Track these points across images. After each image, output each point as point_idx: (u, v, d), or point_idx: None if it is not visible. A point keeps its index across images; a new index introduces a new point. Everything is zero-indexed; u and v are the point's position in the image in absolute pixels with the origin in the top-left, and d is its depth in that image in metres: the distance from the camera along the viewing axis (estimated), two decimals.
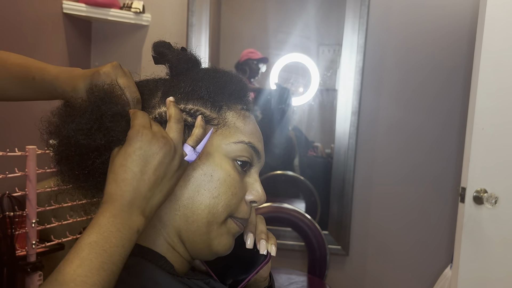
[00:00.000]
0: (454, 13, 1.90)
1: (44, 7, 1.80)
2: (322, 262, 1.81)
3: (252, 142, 0.60)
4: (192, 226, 0.57)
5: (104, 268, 0.44)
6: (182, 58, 0.61)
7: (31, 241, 1.36)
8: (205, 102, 0.59)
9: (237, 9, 2.26)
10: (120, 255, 0.46)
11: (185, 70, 0.62)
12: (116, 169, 0.50)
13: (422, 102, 1.95)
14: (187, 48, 0.64)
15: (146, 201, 0.50)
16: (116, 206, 0.48)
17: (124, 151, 0.50)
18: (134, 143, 0.50)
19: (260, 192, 0.61)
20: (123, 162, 0.50)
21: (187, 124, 0.58)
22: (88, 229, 0.47)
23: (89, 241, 0.45)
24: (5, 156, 1.30)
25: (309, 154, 2.17)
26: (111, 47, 2.16)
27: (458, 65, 1.91)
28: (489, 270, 1.50)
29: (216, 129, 0.59)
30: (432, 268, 1.99)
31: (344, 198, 2.02)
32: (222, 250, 0.59)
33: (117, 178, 0.49)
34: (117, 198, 0.49)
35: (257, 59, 2.13)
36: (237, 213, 0.59)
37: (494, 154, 1.45)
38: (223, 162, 0.58)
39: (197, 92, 0.59)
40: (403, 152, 1.99)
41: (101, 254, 0.45)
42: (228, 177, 0.57)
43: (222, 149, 0.58)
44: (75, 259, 0.44)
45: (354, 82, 1.94)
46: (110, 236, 0.46)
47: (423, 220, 1.99)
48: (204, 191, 0.56)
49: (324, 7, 2.10)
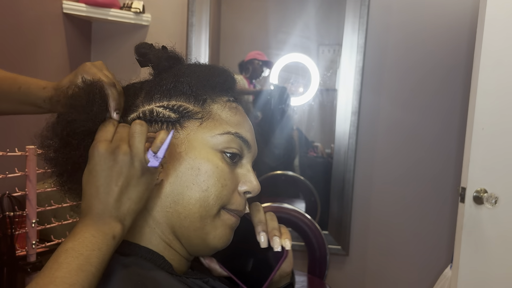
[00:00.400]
0: (454, 13, 1.90)
1: (44, 7, 1.80)
2: (322, 262, 1.81)
3: (239, 132, 0.60)
4: (185, 222, 0.57)
5: (82, 269, 0.46)
6: (162, 57, 0.62)
7: (31, 241, 1.36)
8: (188, 97, 0.59)
9: (237, 9, 2.26)
10: (98, 257, 0.47)
11: (167, 68, 0.62)
12: (83, 186, 0.52)
13: (422, 102, 1.95)
14: (167, 47, 0.64)
15: (116, 210, 0.51)
16: (87, 218, 0.50)
17: (86, 168, 0.52)
18: (92, 159, 0.52)
19: (254, 182, 0.61)
20: (87, 179, 0.52)
21: (170, 121, 0.58)
22: (65, 240, 0.49)
23: (65, 248, 0.47)
24: (5, 156, 1.30)
25: (310, 155, 2.17)
26: (111, 47, 2.16)
27: (458, 64, 1.91)
28: (489, 270, 1.50)
29: (201, 122, 0.59)
30: (432, 268, 1.99)
31: (344, 198, 2.02)
32: (219, 243, 0.59)
33: (85, 194, 0.52)
34: (87, 211, 0.50)
35: (262, 60, 2.13)
36: (229, 204, 0.59)
37: (494, 154, 1.45)
38: (210, 155, 0.58)
39: (179, 88, 0.59)
40: (403, 152, 1.99)
41: (78, 257, 0.46)
42: (216, 169, 0.57)
43: (208, 141, 0.58)
44: (53, 265, 0.46)
45: (354, 82, 1.94)
46: (85, 241, 0.48)
47: (423, 220, 1.99)
48: (193, 185, 0.56)
49: (324, 7, 2.10)
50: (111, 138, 0.53)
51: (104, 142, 0.52)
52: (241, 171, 0.61)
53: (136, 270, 0.53)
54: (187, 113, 0.59)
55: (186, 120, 0.59)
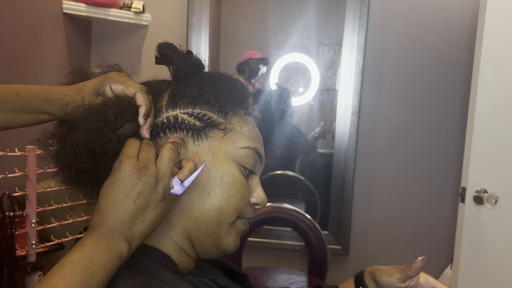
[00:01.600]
0: (454, 13, 1.90)
1: (44, 7, 1.80)
2: (322, 262, 1.81)
3: (257, 147, 0.62)
4: (202, 227, 0.58)
5: (85, 284, 0.45)
6: (189, 62, 0.62)
7: (31, 241, 1.36)
8: (212, 106, 0.60)
9: (237, 9, 2.26)
10: (102, 275, 0.47)
11: (191, 74, 0.63)
12: (100, 199, 0.51)
13: (422, 101, 1.95)
14: (192, 52, 0.64)
15: (127, 229, 0.50)
16: (98, 231, 0.49)
17: (107, 181, 0.52)
18: (116, 173, 0.51)
19: (262, 195, 0.64)
20: (105, 192, 0.51)
21: (195, 129, 0.58)
22: (71, 250, 0.48)
23: (71, 259, 0.46)
24: (5, 156, 1.30)
25: (310, 157, 2.17)
26: (111, 47, 2.16)
27: (458, 64, 1.91)
28: (489, 270, 1.50)
29: (224, 133, 0.60)
30: (432, 268, 1.99)
31: (344, 198, 2.02)
32: (231, 249, 0.61)
33: (99, 207, 0.51)
34: (99, 225, 0.50)
35: (257, 59, 2.13)
36: (245, 213, 0.61)
37: (494, 154, 1.45)
38: (231, 167, 0.59)
39: (204, 97, 0.60)
40: (403, 152, 1.99)
41: (83, 271, 0.46)
42: (237, 180, 0.59)
43: (230, 153, 0.60)
44: (56, 275, 0.45)
45: (354, 82, 1.94)
46: (92, 256, 0.47)
47: (423, 220, 1.99)
48: (215, 194, 0.58)
49: (324, 7, 2.10)
50: (137, 154, 0.53)
51: (132, 158, 0.52)
52: (251, 183, 0.63)
53: (141, 270, 0.53)
54: (211, 123, 0.59)
55: (210, 130, 0.59)
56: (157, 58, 0.63)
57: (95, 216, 0.51)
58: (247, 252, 2.02)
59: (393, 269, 0.71)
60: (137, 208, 0.50)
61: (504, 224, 1.47)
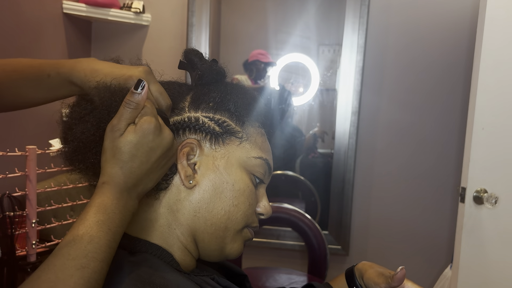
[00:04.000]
0: (454, 13, 1.90)
1: (44, 7, 1.80)
2: (322, 262, 1.81)
3: (268, 159, 0.65)
4: (210, 229, 0.60)
5: (110, 246, 0.48)
6: (214, 70, 0.65)
7: (31, 241, 1.37)
8: (231, 114, 0.62)
9: (237, 9, 2.26)
10: (120, 234, 0.50)
11: (213, 81, 0.65)
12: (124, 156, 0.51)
13: (422, 101, 1.95)
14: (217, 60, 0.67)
15: (142, 186, 0.53)
16: (118, 189, 0.51)
17: (134, 139, 0.51)
18: (147, 135, 0.52)
19: (268, 206, 0.66)
20: (133, 151, 0.51)
21: (214, 133, 0.61)
22: (93, 207, 0.49)
23: (96, 220, 0.48)
24: (5, 156, 1.30)
25: (310, 156, 2.17)
26: (111, 47, 2.16)
27: (458, 64, 1.91)
28: (489, 270, 1.50)
29: (240, 141, 0.62)
30: (432, 268, 1.99)
31: (344, 198, 2.02)
32: (234, 254, 0.63)
33: (124, 164, 0.51)
34: (120, 182, 0.51)
35: (265, 62, 2.13)
36: (251, 222, 0.63)
37: (494, 154, 1.45)
38: (244, 174, 0.62)
39: (225, 104, 0.62)
40: (403, 152, 1.99)
41: (107, 232, 0.48)
42: (247, 188, 0.61)
43: (244, 161, 0.62)
44: (85, 236, 0.47)
45: (354, 82, 1.94)
46: (114, 217, 0.49)
47: (423, 220, 1.99)
48: (226, 198, 0.60)
49: (324, 7, 2.10)
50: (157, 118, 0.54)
51: (157, 120, 0.53)
52: (258, 193, 0.65)
53: (145, 267, 0.54)
54: (229, 130, 0.62)
55: (228, 137, 0.62)
56: (182, 62, 0.66)
57: (115, 170, 0.51)
58: (247, 252, 2.02)
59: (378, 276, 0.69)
60: (155, 167, 0.53)
61: (504, 224, 1.47)
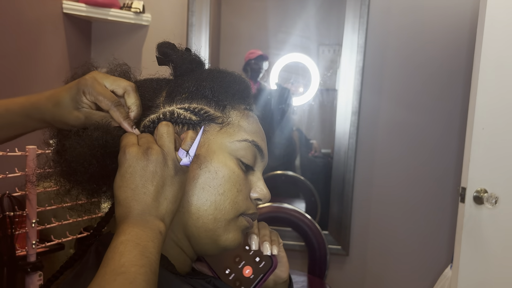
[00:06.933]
0: (455, 13, 1.89)
1: (44, 7, 1.80)
2: (322, 262, 1.81)
3: (255, 140, 0.61)
4: (198, 222, 0.57)
5: (144, 254, 0.45)
6: (186, 59, 0.62)
7: (31, 241, 1.36)
8: (209, 101, 0.60)
9: (237, 9, 2.26)
10: (153, 248, 0.47)
11: (189, 71, 0.63)
12: (116, 193, 0.51)
13: (423, 101, 1.95)
14: (191, 49, 0.65)
15: (155, 209, 0.50)
16: (129, 220, 0.49)
17: (118, 174, 0.51)
18: (123, 164, 0.51)
19: (264, 190, 0.62)
20: (120, 184, 0.51)
21: (191, 123, 0.58)
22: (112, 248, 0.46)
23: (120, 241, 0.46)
24: (5, 156, 1.30)
25: (310, 155, 2.17)
26: (111, 47, 2.15)
27: (458, 64, 1.91)
28: (489, 270, 1.50)
29: (221, 127, 0.59)
30: (432, 268, 1.98)
31: (344, 198, 2.02)
32: (232, 245, 0.60)
33: (119, 200, 0.50)
34: (126, 214, 0.49)
35: (254, 58, 2.13)
36: (246, 209, 0.60)
37: (494, 154, 1.45)
38: (227, 160, 0.58)
39: (201, 92, 0.60)
40: (403, 152, 1.99)
41: (136, 246, 0.46)
42: (233, 174, 0.58)
43: (227, 147, 0.59)
44: (115, 255, 0.45)
45: (354, 82, 1.94)
46: (138, 235, 0.47)
47: (423, 220, 1.99)
48: (210, 188, 0.57)
49: (324, 7, 2.10)
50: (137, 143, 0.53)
51: (133, 145, 0.52)
52: (252, 178, 0.62)
53: None
54: (208, 117, 0.59)
55: (206, 124, 0.59)
56: (158, 58, 0.64)
57: (118, 210, 0.50)
58: None
59: None
60: (156, 188, 0.50)
61: (504, 224, 1.47)
